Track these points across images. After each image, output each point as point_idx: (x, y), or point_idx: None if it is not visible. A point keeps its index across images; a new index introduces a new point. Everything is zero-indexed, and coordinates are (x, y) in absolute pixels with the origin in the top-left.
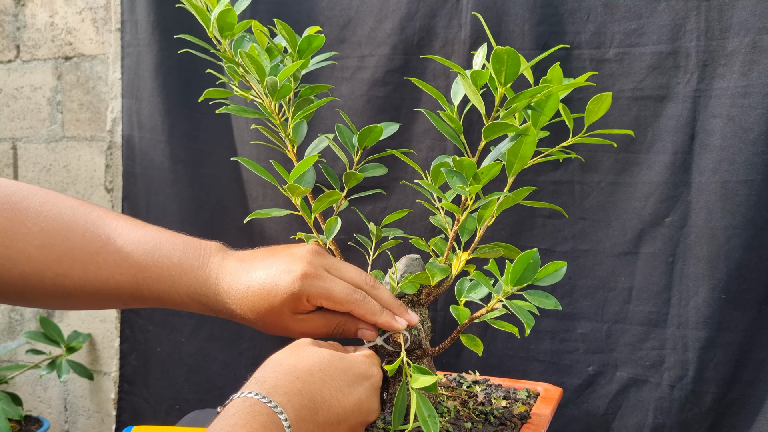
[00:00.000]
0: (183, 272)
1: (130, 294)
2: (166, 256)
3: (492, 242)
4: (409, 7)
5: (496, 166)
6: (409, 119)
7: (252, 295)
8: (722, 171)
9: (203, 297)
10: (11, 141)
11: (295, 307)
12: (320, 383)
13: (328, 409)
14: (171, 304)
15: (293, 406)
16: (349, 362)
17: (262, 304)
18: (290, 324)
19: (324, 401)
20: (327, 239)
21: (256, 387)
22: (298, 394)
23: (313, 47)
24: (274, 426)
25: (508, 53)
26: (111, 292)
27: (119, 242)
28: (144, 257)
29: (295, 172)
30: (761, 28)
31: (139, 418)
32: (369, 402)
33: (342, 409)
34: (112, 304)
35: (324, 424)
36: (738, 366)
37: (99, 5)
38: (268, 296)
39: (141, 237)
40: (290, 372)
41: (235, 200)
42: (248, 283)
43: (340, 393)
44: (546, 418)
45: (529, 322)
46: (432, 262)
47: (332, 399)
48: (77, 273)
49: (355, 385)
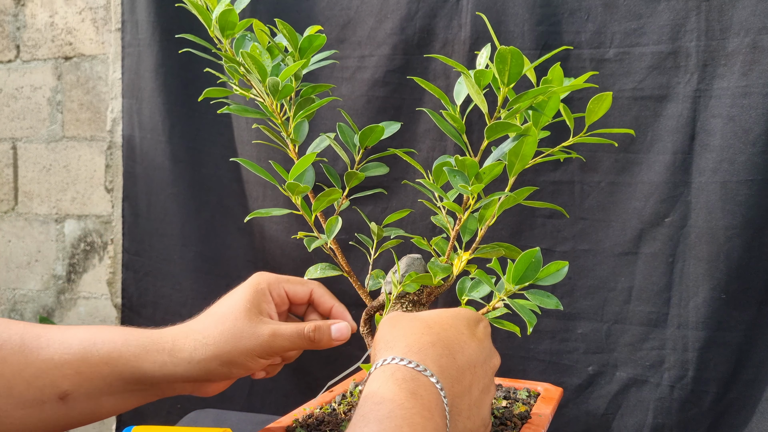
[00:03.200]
0: (136, 332)
1: (75, 368)
2: (115, 327)
3: (493, 242)
4: (409, 7)
5: (498, 165)
6: (410, 119)
7: (214, 311)
8: (722, 171)
9: (158, 342)
10: (11, 141)
11: (259, 303)
12: (446, 329)
13: (461, 350)
14: (121, 364)
15: (431, 357)
16: (457, 310)
17: (226, 312)
18: (258, 327)
19: (456, 343)
20: (328, 239)
21: (389, 353)
22: (431, 345)
23: (314, 47)
24: (422, 389)
25: (512, 53)
26: (53, 370)
27: (63, 329)
28: (92, 331)
29: (294, 170)
30: (761, 28)
31: (139, 418)
32: (489, 343)
33: (473, 349)
34: (51, 392)
35: (464, 367)
36: (738, 366)
37: (99, 5)
38: (231, 302)
39: (85, 327)
40: (413, 329)
41: (236, 200)
42: (208, 310)
43: (464, 335)
44: (546, 418)
45: (532, 321)
46: (433, 261)
47: (461, 341)
48: (16, 358)
49: (473, 327)
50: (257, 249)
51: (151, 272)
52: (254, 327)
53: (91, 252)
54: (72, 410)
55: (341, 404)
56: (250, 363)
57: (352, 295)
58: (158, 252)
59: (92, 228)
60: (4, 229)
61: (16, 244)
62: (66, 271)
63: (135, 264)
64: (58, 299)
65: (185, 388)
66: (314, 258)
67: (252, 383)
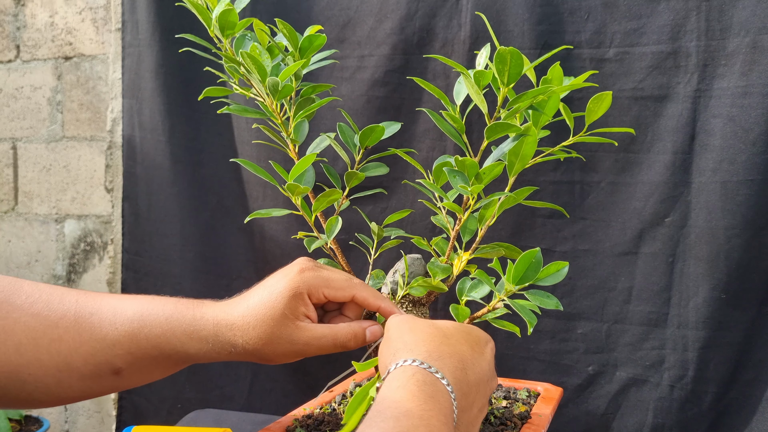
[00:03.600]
0: (179, 313)
1: (126, 349)
2: (159, 306)
3: (492, 242)
4: (408, 7)
5: (498, 166)
6: (409, 119)
7: (253, 310)
8: (722, 171)
9: (201, 332)
10: (11, 141)
11: (296, 308)
12: (461, 343)
13: (473, 367)
14: (169, 349)
15: (448, 368)
16: (470, 327)
17: (265, 314)
18: (294, 334)
19: (470, 359)
20: (328, 239)
21: (410, 354)
22: (449, 356)
23: (314, 46)
24: (440, 395)
25: (512, 53)
26: (107, 350)
27: (113, 302)
28: (139, 310)
29: (294, 171)
30: (761, 28)
31: (140, 418)
32: (493, 364)
33: (481, 368)
34: (106, 368)
35: (473, 384)
36: (737, 366)
37: (99, 5)
38: (270, 303)
39: (132, 299)
40: (433, 336)
41: (236, 200)
42: (248, 302)
43: (476, 353)
44: (546, 417)
45: (532, 321)
46: (434, 261)
47: (473, 358)
48: (72, 335)
49: (483, 346)
50: (257, 249)
51: (151, 272)
52: (290, 334)
53: (91, 252)
54: (126, 380)
55: (341, 404)
56: (285, 360)
57: None
58: (158, 252)
59: (92, 228)
60: (4, 229)
61: (16, 244)
62: (66, 271)
63: (135, 264)
64: None
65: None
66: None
67: (252, 383)
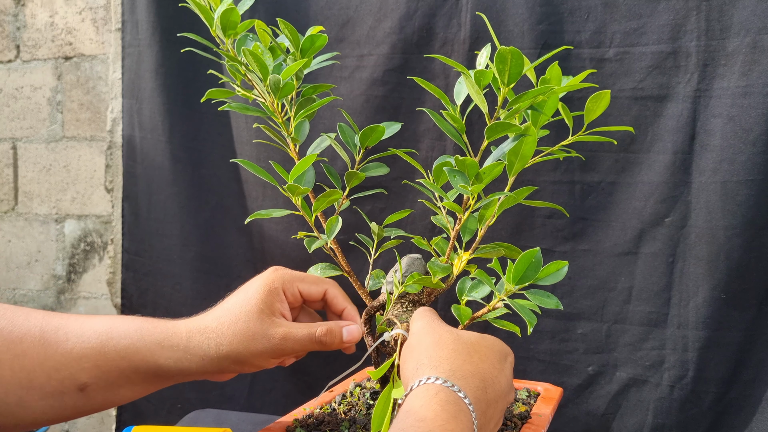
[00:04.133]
0: (150, 324)
1: (93, 362)
2: (129, 320)
3: (492, 242)
4: (408, 7)
5: (498, 165)
6: (409, 119)
7: (228, 311)
8: (722, 171)
9: (173, 338)
10: (11, 141)
11: (272, 303)
12: (483, 360)
13: (492, 385)
14: (138, 360)
15: (470, 387)
16: (492, 340)
17: (240, 311)
18: (270, 329)
19: (490, 376)
20: (328, 239)
21: (434, 372)
22: (471, 375)
23: (315, 47)
24: (462, 414)
25: (512, 53)
26: (73, 363)
27: (81, 319)
28: (108, 323)
29: (294, 171)
30: (761, 28)
31: (139, 418)
32: (511, 379)
33: (500, 385)
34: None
35: (491, 402)
36: (738, 366)
37: (99, 5)
38: (245, 301)
39: (101, 316)
40: (458, 352)
41: (235, 200)
42: (222, 306)
43: (497, 370)
44: (546, 417)
45: (532, 321)
46: (434, 261)
47: (493, 376)
48: (36, 350)
49: (503, 362)
50: (256, 249)
51: (151, 272)
52: (266, 329)
53: (91, 252)
54: (91, 400)
55: (341, 404)
56: (261, 362)
57: (352, 295)
58: (158, 252)
59: (92, 228)
60: (4, 229)
61: (16, 244)
62: (66, 271)
63: (135, 264)
64: (58, 299)
65: (198, 378)
66: (314, 258)
67: (252, 383)
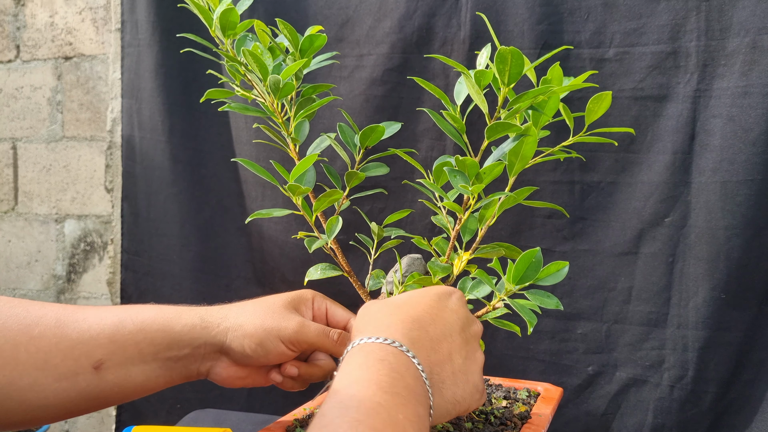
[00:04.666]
0: (169, 306)
1: (109, 336)
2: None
3: (492, 242)
4: (407, 6)
5: (498, 165)
6: (408, 119)
7: (252, 301)
8: (722, 171)
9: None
10: (11, 141)
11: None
12: (414, 306)
13: (433, 322)
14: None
15: (402, 332)
16: (428, 288)
17: (264, 301)
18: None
19: (427, 316)
20: (328, 239)
21: (358, 334)
22: (400, 322)
23: (315, 47)
24: (392, 357)
25: (513, 53)
26: (89, 341)
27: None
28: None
29: (295, 171)
30: (761, 28)
31: (139, 418)
32: (466, 312)
33: (446, 320)
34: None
35: (438, 337)
36: (738, 366)
37: (99, 5)
38: (272, 296)
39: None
40: (380, 313)
41: (235, 200)
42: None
43: (435, 308)
44: (546, 418)
45: (532, 320)
46: (434, 261)
47: (432, 314)
48: (53, 332)
49: (445, 300)
50: (256, 249)
51: (151, 272)
52: (286, 315)
53: (91, 252)
54: (103, 381)
55: None
56: (272, 345)
57: (352, 295)
58: (157, 252)
59: (92, 228)
60: (4, 229)
61: (16, 244)
62: (66, 271)
63: (134, 264)
64: (58, 299)
65: (207, 361)
66: (313, 258)
67: None
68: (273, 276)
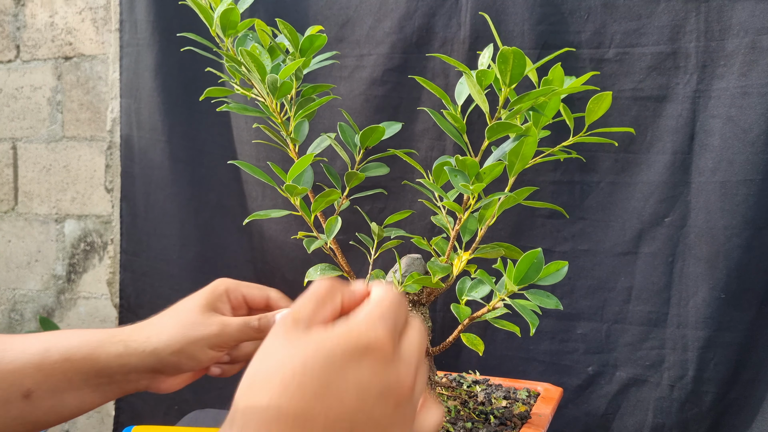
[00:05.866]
0: (94, 329)
1: (36, 366)
2: (75, 329)
3: (492, 242)
4: (408, 6)
5: (498, 165)
6: (408, 118)
7: (170, 309)
8: (722, 171)
9: (116, 336)
10: (11, 141)
11: (214, 303)
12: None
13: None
14: (79, 357)
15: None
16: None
17: (185, 306)
18: (210, 318)
19: (316, 407)
20: (328, 239)
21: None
22: (276, 420)
23: (315, 47)
24: None
25: (515, 54)
26: (16, 372)
27: (21, 337)
28: (51, 334)
29: (292, 171)
30: (760, 29)
31: (138, 419)
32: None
33: (345, 404)
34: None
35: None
36: (738, 366)
37: (99, 5)
38: (190, 299)
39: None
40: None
41: (235, 200)
42: (166, 309)
43: (340, 385)
44: (546, 418)
45: (534, 321)
46: (433, 261)
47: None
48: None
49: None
50: (256, 249)
51: (149, 272)
52: (205, 318)
53: (91, 252)
54: (36, 408)
55: None
56: (200, 353)
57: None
58: (156, 252)
59: (92, 228)
60: (4, 229)
61: (16, 244)
62: (66, 271)
63: (133, 264)
64: (58, 299)
65: (141, 381)
66: (313, 258)
67: None
68: (273, 276)
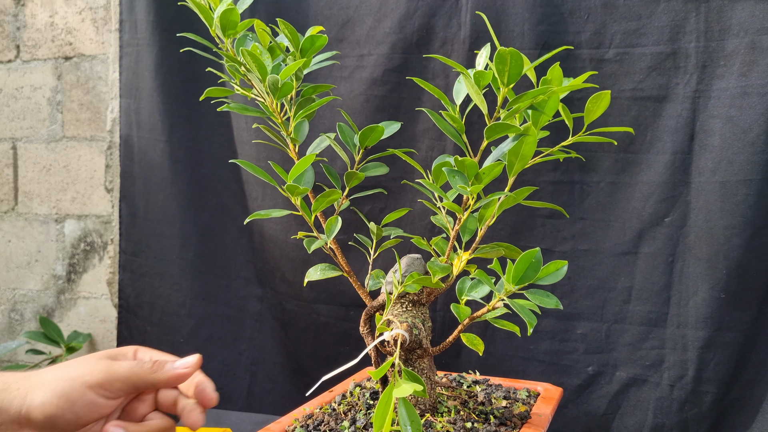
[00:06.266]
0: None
1: None
2: None
3: (492, 242)
4: (408, 6)
5: (497, 166)
6: (408, 118)
7: (73, 359)
8: (721, 171)
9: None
10: (11, 141)
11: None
12: None
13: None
14: None
15: None
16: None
17: (72, 360)
18: (99, 364)
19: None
20: (328, 239)
21: None
22: None
23: (315, 47)
24: None
25: (512, 54)
26: None
27: None
28: None
29: (293, 171)
30: (760, 29)
31: None
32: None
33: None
34: None
35: None
36: (738, 366)
37: (99, 5)
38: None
39: None
40: None
41: (235, 200)
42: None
43: None
44: (546, 417)
45: (532, 321)
46: (433, 261)
47: None
48: None
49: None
50: (256, 249)
51: (149, 272)
52: (96, 362)
53: (91, 252)
54: None
55: (341, 404)
56: (81, 396)
57: (352, 295)
58: (156, 252)
59: (92, 228)
60: (4, 229)
61: (16, 244)
62: (66, 271)
63: (132, 264)
64: (58, 299)
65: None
66: (313, 258)
67: (251, 383)
68: (273, 276)
